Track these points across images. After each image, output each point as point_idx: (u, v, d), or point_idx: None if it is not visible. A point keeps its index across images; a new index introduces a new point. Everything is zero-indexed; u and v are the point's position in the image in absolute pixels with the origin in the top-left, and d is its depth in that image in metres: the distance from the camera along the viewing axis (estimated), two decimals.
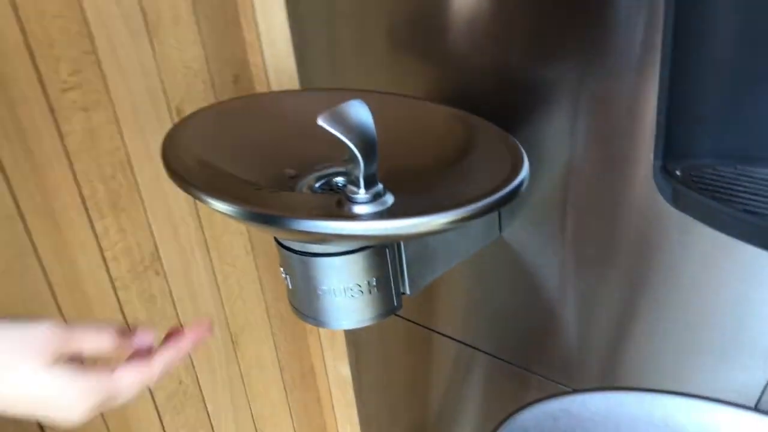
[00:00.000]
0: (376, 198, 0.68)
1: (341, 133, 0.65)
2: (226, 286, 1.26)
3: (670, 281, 0.89)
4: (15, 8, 0.89)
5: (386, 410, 1.51)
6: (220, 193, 0.71)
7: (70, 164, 0.99)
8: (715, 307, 0.86)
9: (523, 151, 0.74)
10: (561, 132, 0.90)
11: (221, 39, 1.15)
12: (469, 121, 0.83)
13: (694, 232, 0.82)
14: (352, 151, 0.66)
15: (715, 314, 0.86)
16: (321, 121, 0.65)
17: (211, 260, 1.23)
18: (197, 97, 1.14)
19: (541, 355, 1.11)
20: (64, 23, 0.94)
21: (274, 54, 1.15)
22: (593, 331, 1.02)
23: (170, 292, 1.17)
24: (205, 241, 1.21)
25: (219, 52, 1.15)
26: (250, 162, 0.87)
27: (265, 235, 1.28)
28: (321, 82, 1.12)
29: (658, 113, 0.78)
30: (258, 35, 1.16)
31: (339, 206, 0.70)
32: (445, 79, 0.98)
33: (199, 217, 1.19)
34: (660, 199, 0.83)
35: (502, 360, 1.17)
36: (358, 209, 0.68)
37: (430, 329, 1.24)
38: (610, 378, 1.03)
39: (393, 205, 0.68)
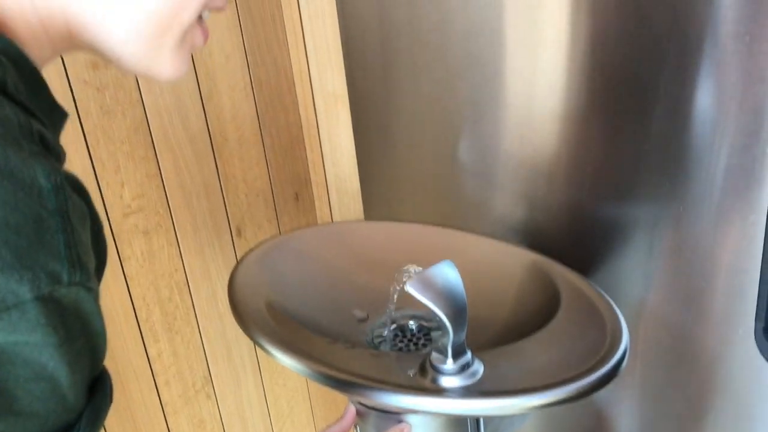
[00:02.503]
0: (464, 369, 0.63)
1: (431, 301, 0.61)
2: (276, 407, 1.21)
3: None
4: (84, 135, 0.87)
5: None
6: (297, 352, 0.67)
7: (128, 288, 0.95)
8: None
9: (620, 314, 0.69)
10: (635, 275, 0.86)
11: (285, 157, 1.13)
12: (554, 270, 0.78)
13: None
14: (441, 320, 0.61)
15: None
16: (410, 288, 0.61)
17: (262, 381, 1.18)
18: (258, 215, 1.11)
19: None
20: (131, 148, 0.93)
21: (338, 174, 1.12)
22: None
23: (220, 416, 1.12)
24: (258, 360, 1.17)
25: (282, 171, 1.13)
26: (318, 301, 0.83)
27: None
28: (384, 206, 1.09)
29: (762, 275, 0.73)
30: (322, 154, 1.13)
31: (423, 373, 0.65)
32: (511, 215, 0.95)
33: None
34: (756, 359, 0.77)
35: None
36: (445, 381, 0.63)
37: None
38: None
39: (483, 377, 0.63)
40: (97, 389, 0.38)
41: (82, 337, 0.35)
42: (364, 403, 0.73)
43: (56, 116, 0.44)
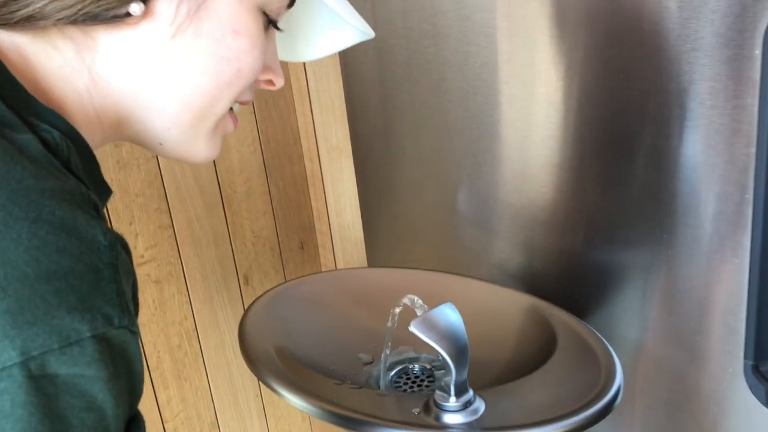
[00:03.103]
0: (466, 406, 0.67)
1: (434, 341, 0.64)
2: None
3: None
4: None
5: None
6: (306, 393, 0.70)
7: (140, 336, 0.99)
8: None
9: (614, 353, 0.73)
10: (631, 319, 0.89)
11: (290, 207, 1.17)
12: (551, 313, 0.82)
13: None
14: (444, 359, 0.65)
15: None
16: (413, 328, 0.64)
17: (268, 426, 1.20)
18: (265, 263, 1.15)
19: None
20: (145, 201, 0.97)
21: (341, 223, 1.17)
22: None
23: None
24: (263, 407, 1.19)
25: (287, 220, 1.17)
26: (325, 346, 0.87)
27: None
28: (386, 254, 1.13)
29: (748, 314, 0.76)
30: (326, 204, 1.18)
31: (427, 411, 0.68)
32: (509, 261, 0.99)
33: (258, 383, 1.17)
34: (746, 396, 0.80)
35: None
36: (448, 418, 0.66)
37: None
38: None
39: (484, 414, 0.67)
40: (132, 428, 0.42)
41: (125, 375, 0.39)
42: None
43: (104, 192, 0.51)
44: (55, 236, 0.36)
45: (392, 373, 0.84)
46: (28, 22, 0.45)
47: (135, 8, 0.46)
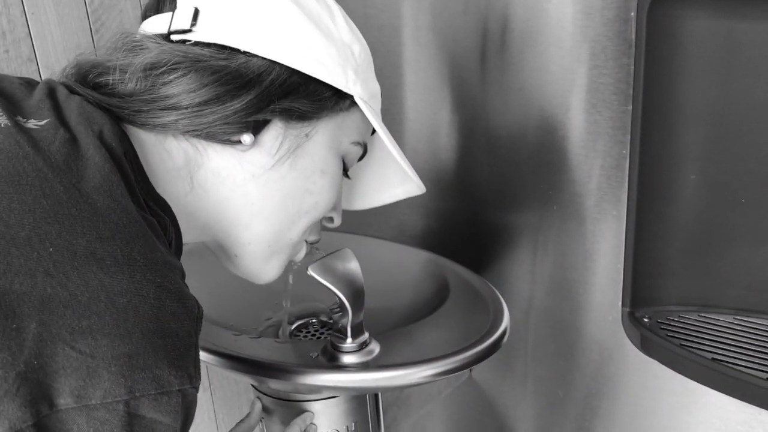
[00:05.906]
0: (362, 347, 0.69)
1: (331, 284, 0.66)
2: None
3: (633, 425, 0.91)
4: None
5: None
6: (204, 342, 0.70)
7: None
8: None
9: (503, 299, 0.77)
10: (523, 273, 0.94)
11: None
12: (445, 265, 0.86)
13: (664, 377, 0.84)
14: (341, 300, 0.67)
15: None
16: (311, 271, 0.66)
17: None
18: None
19: None
20: None
21: None
22: None
23: None
24: None
25: None
26: (227, 305, 0.87)
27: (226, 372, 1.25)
28: None
29: (625, 264, 0.82)
30: None
31: (324, 354, 0.70)
32: (409, 222, 1.02)
33: None
34: (624, 342, 0.86)
35: None
36: (345, 359, 0.68)
37: None
38: None
39: (379, 354, 0.69)
40: None
41: (186, 427, 0.44)
42: (268, 393, 0.77)
43: None
44: (171, 302, 0.43)
45: (293, 326, 0.86)
46: (160, 128, 0.53)
47: (246, 138, 0.55)
